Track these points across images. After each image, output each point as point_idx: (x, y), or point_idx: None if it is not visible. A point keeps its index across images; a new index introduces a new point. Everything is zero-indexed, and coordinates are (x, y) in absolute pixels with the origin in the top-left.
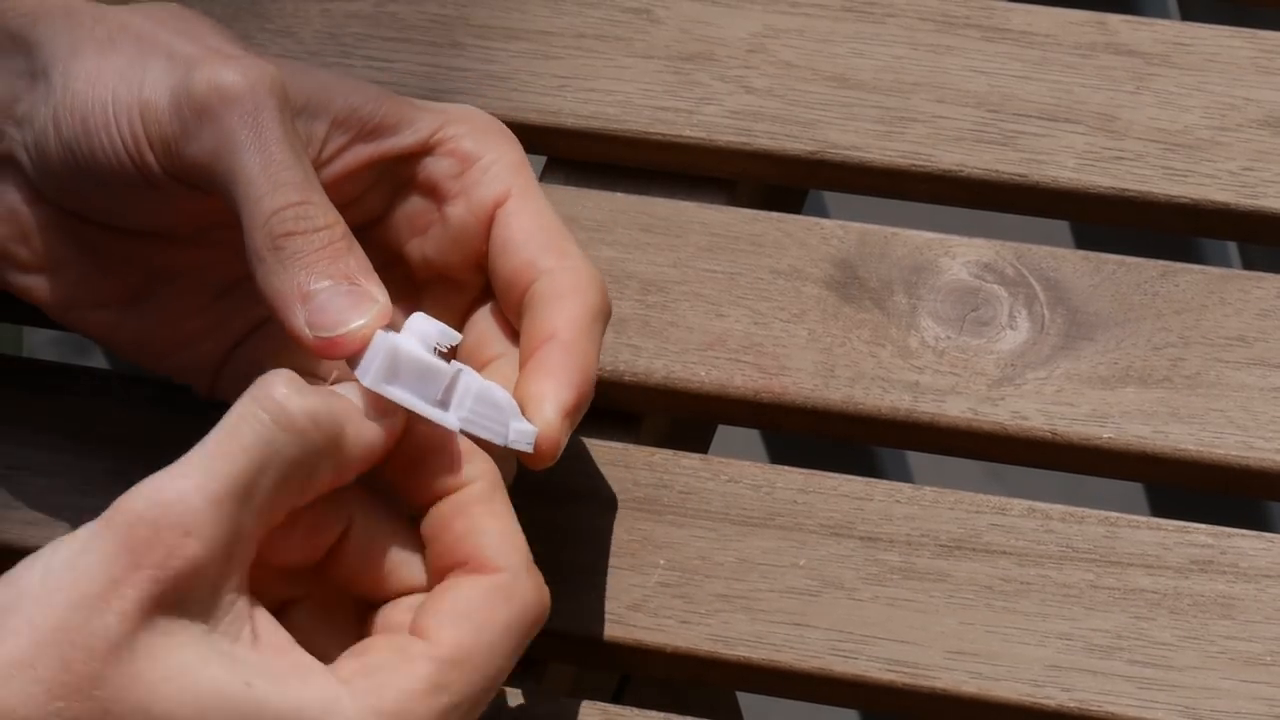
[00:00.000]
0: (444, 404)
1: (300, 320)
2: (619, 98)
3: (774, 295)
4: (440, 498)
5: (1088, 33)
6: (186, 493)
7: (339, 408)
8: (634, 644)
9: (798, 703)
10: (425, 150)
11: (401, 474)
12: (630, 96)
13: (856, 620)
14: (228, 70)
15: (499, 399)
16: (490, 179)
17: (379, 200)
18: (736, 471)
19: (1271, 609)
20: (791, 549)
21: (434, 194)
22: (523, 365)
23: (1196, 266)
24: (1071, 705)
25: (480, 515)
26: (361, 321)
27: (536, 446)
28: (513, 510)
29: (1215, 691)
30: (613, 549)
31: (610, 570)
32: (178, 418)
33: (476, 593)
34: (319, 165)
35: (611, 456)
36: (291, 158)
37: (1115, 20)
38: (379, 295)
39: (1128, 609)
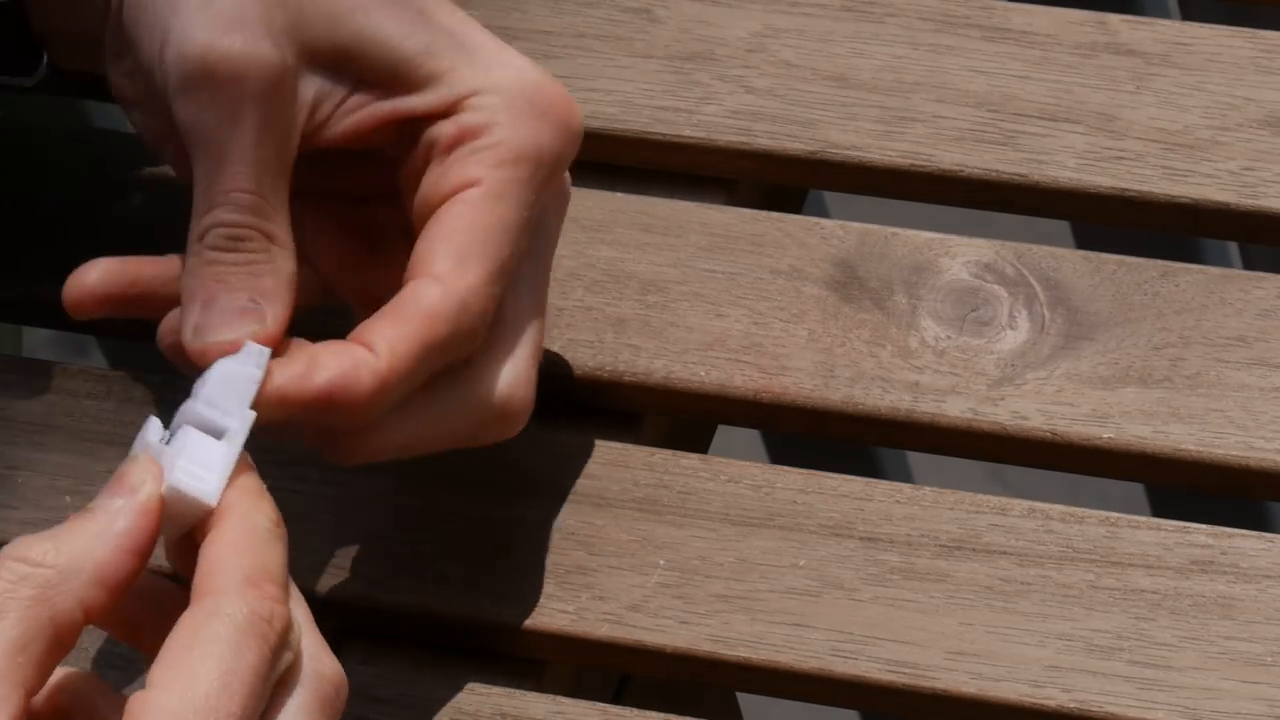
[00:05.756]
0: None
1: (190, 324)
2: (619, 98)
3: (774, 295)
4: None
5: (1088, 32)
6: None
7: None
8: (634, 644)
9: (798, 703)
10: (444, 112)
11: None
12: (630, 96)
13: (856, 621)
14: (226, 41)
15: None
16: (469, 162)
17: (395, 149)
18: (736, 472)
19: (1272, 609)
20: (791, 549)
21: (426, 157)
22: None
23: (1196, 266)
24: (1071, 706)
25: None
26: (231, 336)
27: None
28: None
29: (1215, 692)
30: (613, 549)
31: (610, 570)
32: None
33: (186, 619)
34: (325, 122)
35: (611, 456)
36: (251, 173)
37: (1115, 20)
38: (269, 318)
39: (1128, 609)
